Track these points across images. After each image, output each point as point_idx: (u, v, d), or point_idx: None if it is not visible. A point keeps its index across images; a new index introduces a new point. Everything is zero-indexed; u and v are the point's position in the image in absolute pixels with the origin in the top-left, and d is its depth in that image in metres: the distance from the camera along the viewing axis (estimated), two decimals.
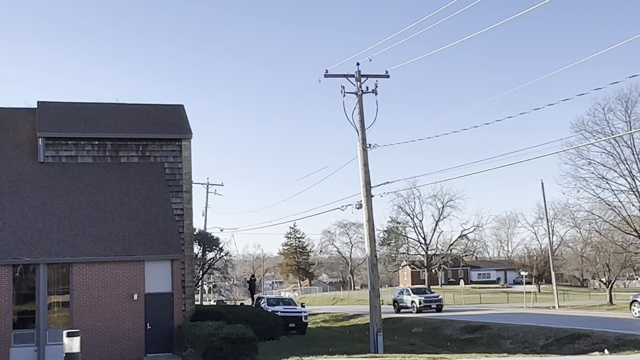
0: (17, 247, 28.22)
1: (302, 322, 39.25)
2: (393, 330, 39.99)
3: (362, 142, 28.79)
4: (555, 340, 31.68)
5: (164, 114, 35.29)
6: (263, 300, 43.84)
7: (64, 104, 35.09)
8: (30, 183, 31.24)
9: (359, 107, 29.02)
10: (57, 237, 29.11)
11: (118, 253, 29.12)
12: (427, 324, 43.04)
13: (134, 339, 28.63)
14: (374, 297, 28.69)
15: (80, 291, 28.35)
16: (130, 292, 28.85)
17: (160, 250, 29.70)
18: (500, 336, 35.21)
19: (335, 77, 29.41)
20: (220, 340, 23.77)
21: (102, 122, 33.75)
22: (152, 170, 33.05)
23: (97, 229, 29.94)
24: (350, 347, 31.09)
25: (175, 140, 33.63)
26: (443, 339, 36.56)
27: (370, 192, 28.80)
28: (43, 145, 32.15)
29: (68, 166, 32.31)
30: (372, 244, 28.83)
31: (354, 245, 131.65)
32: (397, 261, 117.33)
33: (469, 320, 41.35)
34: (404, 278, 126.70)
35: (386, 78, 29.69)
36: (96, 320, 28.29)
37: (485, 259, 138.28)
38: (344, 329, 45.32)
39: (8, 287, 27.67)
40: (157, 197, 32.03)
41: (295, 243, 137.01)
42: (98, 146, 32.94)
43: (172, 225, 31.02)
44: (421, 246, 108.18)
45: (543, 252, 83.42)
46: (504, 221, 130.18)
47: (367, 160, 28.84)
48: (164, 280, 29.64)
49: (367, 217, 28.74)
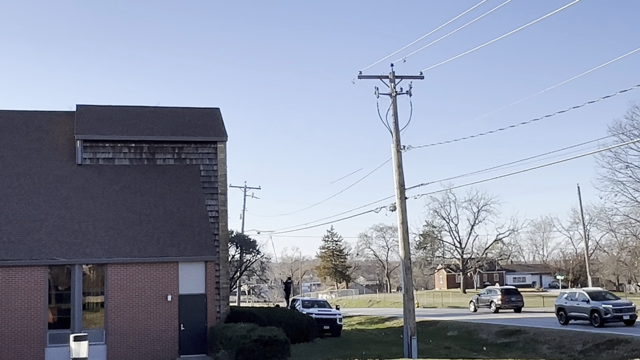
0: (53, 248, 28.57)
1: (336, 324, 39.09)
2: (428, 334, 39.66)
3: (396, 143, 28.57)
4: (594, 346, 31.10)
5: (199, 116, 35.48)
6: (298, 302, 43.80)
7: (102, 107, 35.51)
8: (68, 185, 31.63)
9: (393, 108, 28.79)
10: (92, 238, 29.41)
11: (152, 254, 29.31)
12: (462, 327, 42.63)
13: (167, 340, 28.78)
14: (408, 300, 28.43)
15: (114, 292, 28.61)
16: (164, 293, 29.03)
17: (194, 252, 29.83)
18: (537, 341, 34.69)
19: (369, 78, 29.20)
20: (252, 342, 23.73)
21: (139, 125, 34.06)
22: (188, 172, 33.24)
23: (132, 231, 30.18)
24: (384, 350, 30.87)
25: (210, 142, 33.79)
26: (478, 343, 36.15)
27: (404, 194, 28.57)
28: (81, 147, 32.55)
29: (105, 168, 32.65)
30: (406, 246, 28.59)
31: (390, 249, 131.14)
32: (433, 265, 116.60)
33: (504, 324, 40.83)
34: (439, 281, 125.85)
35: (420, 79, 29.39)
36: (130, 321, 28.52)
37: (520, 262, 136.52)
38: (378, 331, 45.09)
39: (44, 287, 28.03)
40: (192, 199, 32.19)
41: (333, 246, 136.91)
42: (135, 149, 33.25)
43: (206, 227, 31.14)
44: (457, 250, 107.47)
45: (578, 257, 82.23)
46: (539, 225, 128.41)
47: (401, 162, 28.62)
48: (197, 281, 29.77)
49: (401, 220, 28.50)
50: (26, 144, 33.23)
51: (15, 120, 34.48)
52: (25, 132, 33.87)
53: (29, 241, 28.71)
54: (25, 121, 34.50)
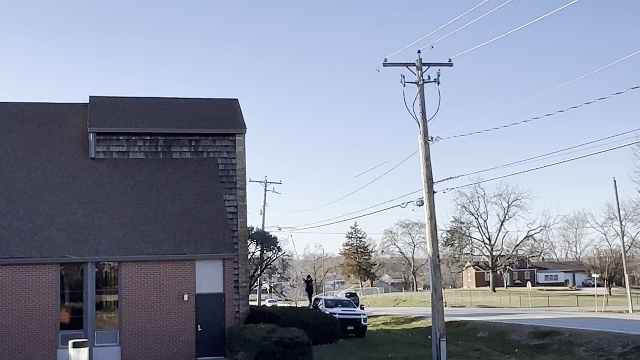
0: (65, 245, 27.44)
1: (361, 324, 37.73)
2: (457, 335, 38.11)
3: (423, 134, 27.05)
4: (634, 349, 29.36)
5: (217, 108, 34.18)
6: (321, 301, 42.41)
7: (116, 99, 34.30)
8: (80, 179, 30.49)
9: (420, 97, 27.28)
10: (106, 235, 28.25)
11: (168, 252, 28.12)
12: (493, 328, 40.95)
13: (184, 341, 27.59)
14: (437, 300, 26.90)
15: (129, 291, 27.46)
16: (180, 292, 27.85)
17: (212, 249, 28.58)
18: (573, 343, 32.96)
19: (394, 65, 27.71)
20: (272, 344, 22.69)
21: (154, 117, 32.86)
22: (205, 166, 31.94)
23: (147, 227, 28.98)
24: (411, 352, 29.56)
25: (229, 135, 32.47)
26: (510, 345, 34.53)
27: (432, 187, 27.03)
28: (94, 140, 31.39)
29: (119, 162, 31.46)
30: (434, 243, 27.06)
31: (417, 246, 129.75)
32: (461, 262, 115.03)
33: (537, 324, 39.10)
34: (467, 279, 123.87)
35: (449, 66, 27.87)
36: (145, 321, 27.38)
37: (552, 260, 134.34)
38: (405, 332, 43.61)
39: (55, 286, 26.98)
40: (209, 194, 30.91)
41: (356, 243, 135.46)
42: (150, 141, 32.03)
43: (224, 223, 29.83)
44: (486, 247, 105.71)
45: (614, 254, 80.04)
46: (572, 221, 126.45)
47: (428, 154, 27.09)
48: (215, 280, 28.61)
49: (429, 215, 26.98)
50: (38, 137, 32.14)
51: (27, 112, 33.40)
52: (37, 124, 32.76)
53: (40, 238, 27.63)
54: (37, 113, 33.41)
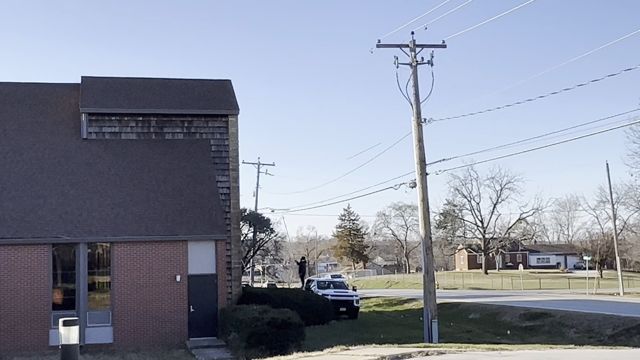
0: (57, 226, 27.35)
1: (353, 306, 37.86)
2: (449, 316, 38.24)
3: (416, 116, 27.03)
4: (624, 330, 29.55)
5: (210, 89, 34.01)
6: (313, 283, 42.50)
7: (108, 79, 34.08)
8: (72, 160, 30.36)
9: (414, 78, 27.24)
10: (98, 216, 28.18)
11: (161, 233, 28.07)
12: (485, 310, 41.11)
13: (176, 322, 27.60)
14: (429, 282, 26.99)
15: (121, 272, 27.42)
16: (173, 273, 27.81)
17: (204, 230, 28.55)
18: (564, 324, 33.14)
19: (388, 47, 27.65)
20: (264, 325, 22.77)
21: (146, 98, 32.66)
22: (198, 147, 31.84)
23: (140, 208, 28.91)
24: (403, 333, 29.61)
25: (221, 116, 32.32)
26: (502, 326, 34.67)
27: (425, 169, 27.04)
28: (86, 121, 31.22)
29: (111, 143, 31.31)
30: (427, 225, 27.11)
31: (409, 228, 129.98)
32: (454, 244, 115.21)
33: (529, 306, 39.28)
34: (460, 262, 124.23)
35: (443, 48, 27.85)
36: (138, 302, 27.37)
37: (544, 243, 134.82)
38: (397, 313, 43.73)
39: (47, 266, 26.90)
40: (202, 175, 30.83)
41: (349, 225, 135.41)
42: (142, 122, 31.86)
43: (217, 204, 29.79)
44: (478, 229, 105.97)
45: (605, 237, 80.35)
46: (565, 204, 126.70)
47: (421, 136, 27.08)
48: (208, 261, 28.57)
49: (421, 197, 27.00)
50: (30, 117, 31.92)
51: (18, 92, 33.15)
52: (29, 105, 32.54)
53: (31, 219, 27.52)
54: (29, 94, 33.17)
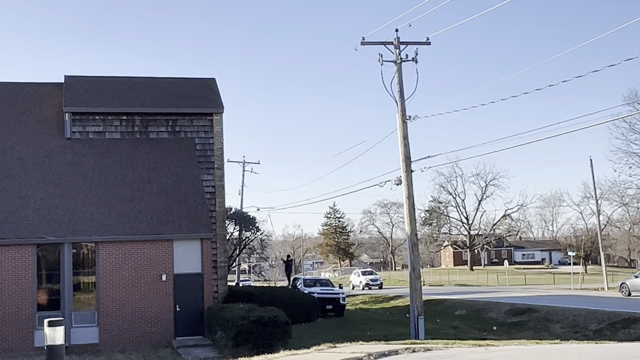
0: (41, 226, 27.18)
1: (339, 304, 37.82)
2: (435, 313, 38.37)
3: (401, 113, 27.07)
4: (609, 325, 29.80)
5: (194, 87, 33.92)
6: (299, 281, 42.46)
7: (91, 78, 33.90)
8: (56, 159, 30.18)
9: (398, 76, 27.27)
10: (82, 216, 28.01)
11: (146, 232, 27.95)
12: (471, 306, 41.30)
13: (162, 321, 27.48)
14: (415, 279, 27.05)
15: (106, 272, 27.27)
16: (158, 272, 27.70)
17: (190, 229, 28.45)
18: (549, 320, 33.37)
19: (372, 44, 27.66)
20: (251, 323, 22.69)
21: (130, 97, 32.53)
22: (182, 146, 31.74)
23: (125, 207, 28.77)
24: (390, 330, 29.64)
25: (206, 114, 32.24)
26: (488, 322, 34.86)
27: (410, 166, 27.08)
28: (70, 120, 31.03)
29: (95, 142, 31.14)
30: (413, 222, 27.15)
31: (395, 225, 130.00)
32: (439, 241, 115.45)
33: (514, 302, 39.51)
34: (445, 259, 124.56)
35: (427, 45, 27.86)
36: (123, 301, 27.23)
37: (529, 239, 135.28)
38: (383, 310, 43.82)
39: (32, 267, 26.71)
40: (187, 174, 30.74)
41: (335, 223, 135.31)
42: (126, 121, 31.72)
43: (202, 203, 29.70)
44: (463, 226, 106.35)
45: (590, 232, 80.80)
46: (549, 200, 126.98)
47: (406, 133, 27.12)
48: (193, 260, 28.45)
49: (407, 194, 27.04)
50: (13, 117, 31.68)
51: (1, 92, 32.80)
52: (11, 104, 32.29)
53: (15, 219, 27.32)
54: (11, 93, 32.91)
